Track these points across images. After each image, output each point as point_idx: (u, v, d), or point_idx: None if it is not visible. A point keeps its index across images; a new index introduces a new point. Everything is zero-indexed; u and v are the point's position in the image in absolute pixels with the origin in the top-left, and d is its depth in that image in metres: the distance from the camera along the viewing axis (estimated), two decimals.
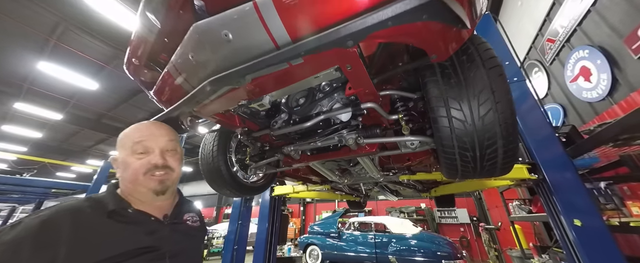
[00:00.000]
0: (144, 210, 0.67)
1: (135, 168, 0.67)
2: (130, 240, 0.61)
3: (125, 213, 0.63)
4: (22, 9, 5.36)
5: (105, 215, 0.61)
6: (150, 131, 0.72)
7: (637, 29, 1.79)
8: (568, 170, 1.71)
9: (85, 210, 0.59)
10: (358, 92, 0.94)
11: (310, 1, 0.59)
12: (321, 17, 0.60)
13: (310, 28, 0.63)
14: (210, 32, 0.69)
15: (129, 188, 0.68)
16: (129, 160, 0.68)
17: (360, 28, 0.53)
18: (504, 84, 0.74)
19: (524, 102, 2.03)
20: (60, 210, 0.57)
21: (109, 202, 0.64)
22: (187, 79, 0.87)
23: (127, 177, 0.68)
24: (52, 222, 0.53)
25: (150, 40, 0.85)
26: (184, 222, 0.75)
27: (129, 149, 0.69)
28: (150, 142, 0.70)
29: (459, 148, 0.81)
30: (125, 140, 0.71)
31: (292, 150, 1.36)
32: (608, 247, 1.47)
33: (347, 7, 0.57)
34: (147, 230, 0.64)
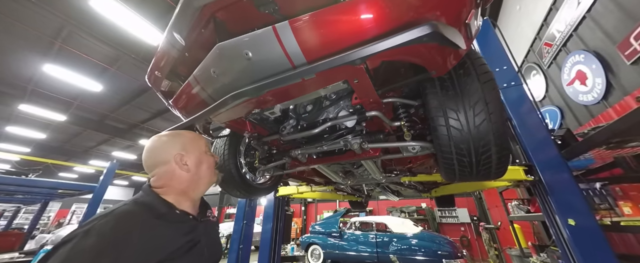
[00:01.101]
0: (183, 210, 0.73)
1: (211, 163, 0.83)
2: (181, 238, 0.67)
3: (173, 214, 0.70)
4: (29, 13, 5.45)
5: (157, 217, 0.66)
6: (204, 137, 0.88)
7: (629, 35, 1.86)
8: (563, 172, 1.78)
9: (142, 215, 0.64)
10: (363, 102, 1.01)
11: (324, 28, 0.67)
12: (333, 43, 0.68)
13: (323, 50, 0.70)
14: (233, 51, 0.77)
15: (196, 184, 0.78)
16: (204, 157, 0.81)
17: (368, 53, 0.60)
18: (496, 96, 0.82)
19: (521, 106, 2.10)
20: (123, 216, 0.61)
21: (159, 205, 0.69)
22: (207, 90, 0.95)
23: (203, 171, 0.80)
24: (122, 229, 0.58)
25: (174, 56, 0.93)
26: (208, 218, 0.85)
27: (203, 148, 0.83)
28: (210, 147, 0.84)
29: (456, 154, 0.88)
30: (197, 141, 0.83)
31: (299, 153, 1.43)
32: (600, 245, 1.55)
33: (356, 36, 0.65)
34: (190, 227, 0.72)
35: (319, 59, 0.71)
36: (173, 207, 0.70)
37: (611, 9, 2.01)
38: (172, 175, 0.74)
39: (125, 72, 7.69)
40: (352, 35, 0.66)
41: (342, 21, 0.65)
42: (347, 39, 0.67)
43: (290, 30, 0.69)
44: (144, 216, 0.64)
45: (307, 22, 0.67)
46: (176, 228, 0.68)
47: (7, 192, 4.93)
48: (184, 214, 0.72)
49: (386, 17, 0.62)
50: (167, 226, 0.66)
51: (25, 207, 7.62)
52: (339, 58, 0.63)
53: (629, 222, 1.51)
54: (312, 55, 0.73)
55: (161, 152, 0.76)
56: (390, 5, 0.61)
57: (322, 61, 0.67)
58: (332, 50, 0.70)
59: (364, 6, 0.62)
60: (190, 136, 0.83)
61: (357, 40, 0.66)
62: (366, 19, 0.63)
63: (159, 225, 0.64)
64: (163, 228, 0.65)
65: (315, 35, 0.69)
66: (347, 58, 0.62)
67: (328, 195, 3.41)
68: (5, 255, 3.76)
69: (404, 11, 0.62)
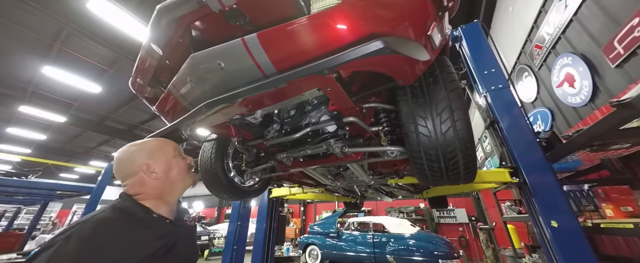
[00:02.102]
0: (160, 215, 0.76)
1: (183, 166, 0.84)
2: (157, 241, 0.70)
3: (150, 219, 0.72)
4: (29, 16, 5.50)
5: (135, 222, 0.69)
6: (173, 142, 0.89)
7: (613, 39, 1.88)
8: (547, 174, 1.80)
9: (120, 220, 0.67)
10: (339, 108, 1.04)
11: (290, 40, 0.70)
12: (299, 54, 0.71)
13: (291, 61, 0.74)
14: (206, 62, 0.80)
15: (168, 188, 0.79)
16: (174, 162, 0.82)
17: (330, 65, 0.64)
18: (462, 105, 0.85)
19: (507, 109, 2.12)
20: (102, 222, 0.64)
21: (136, 210, 0.72)
22: (186, 98, 0.98)
23: (173, 176, 0.81)
24: (100, 233, 0.61)
25: (153, 65, 0.96)
26: (185, 222, 0.88)
27: (172, 153, 0.84)
28: (180, 148, 0.87)
29: (426, 159, 0.91)
30: (164, 148, 0.84)
31: (284, 157, 1.46)
32: (580, 247, 1.57)
33: (320, 48, 0.68)
34: (166, 231, 0.75)
35: (288, 69, 0.75)
36: (150, 211, 0.73)
37: (596, 12, 2.03)
38: (143, 183, 0.76)
39: (124, 73, 7.74)
40: (317, 47, 0.69)
41: (306, 34, 0.69)
42: (312, 51, 0.70)
43: (258, 42, 0.72)
44: (122, 221, 0.67)
45: (273, 34, 0.71)
46: (153, 232, 0.71)
47: (7, 193, 4.98)
48: (161, 218, 0.75)
49: (348, 32, 0.65)
50: (144, 230, 0.69)
51: (25, 207, 7.67)
52: (304, 70, 0.66)
53: (608, 224, 1.53)
54: (281, 65, 0.76)
55: (128, 164, 0.78)
56: (351, 20, 0.64)
57: (290, 72, 0.71)
58: (300, 61, 0.73)
59: (327, 21, 0.65)
60: (155, 144, 0.84)
61: (321, 52, 0.69)
62: (329, 33, 0.66)
63: (136, 230, 0.68)
64: (140, 233, 0.68)
65: (282, 46, 0.72)
66: (313, 69, 0.66)
67: (322, 197, 3.44)
68: (4, 255, 3.82)
69: (364, 26, 0.65)
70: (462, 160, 0.87)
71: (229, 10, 0.73)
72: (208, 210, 17.98)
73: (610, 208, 1.58)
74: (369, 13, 0.63)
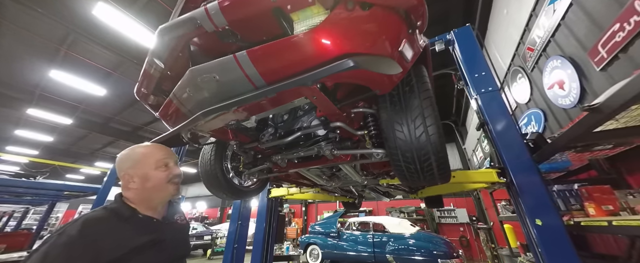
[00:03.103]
0: (147, 214, 0.85)
1: (160, 179, 0.86)
2: (142, 237, 0.80)
3: (136, 218, 0.82)
4: (36, 21, 5.68)
5: (122, 220, 0.79)
6: (163, 150, 0.93)
7: (597, 43, 1.94)
8: (532, 174, 1.87)
9: (108, 219, 0.78)
10: (326, 114, 1.13)
11: (276, 57, 0.79)
12: (285, 68, 0.80)
13: (278, 74, 0.83)
14: (203, 75, 0.89)
15: (146, 197, 0.86)
16: (152, 174, 0.86)
17: (307, 81, 0.73)
18: (433, 112, 0.93)
19: (496, 110, 2.18)
20: (90, 220, 0.74)
21: (123, 211, 0.81)
22: (185, 105, 1.08)
23: (149, 187, 0.85)
24: (89, 229, 0.71)
25: (156, 76, 1.06)
26: (175, 221, 0.97)
27: (153, 165, 0.87)
28: (168, 159, 0.91)
29: (403, 161, 1.00)
30: (145, 159, 0.87)
31: (279, 159, 1.56)
32: (563, 244, 1.63)
33: (302, 64, 0.77)
34: (153, 229, 0.84)
35: (276, 81, 0.84)
36: (136, 212, 0.83)
37: (581, 17, 2.10)
38: (126, 187, 0.85)
39: (127, 76, 7.92)
40: (298, 63, 0.78)
41: (289, 52, 0.78)
42: (295, 66, 0.79)
43: (248, 58, 0.81)
44: (110, 219, 0.78)
45: (261, 51, 0.80)
46: (138, 229, 0.80)
47: (17, 193, 5.14)
48: (146, 218, 0.85)
49: (325, 51, 0.74)
50: (130, 227, 0.79)
51: (33, 208, 7.88)
52: (285, 84, 0.76)
53: (588, 222, 1.60)
54: (269, 78, 0.85)
55: (118, 168, 0.87)
56: (327, 41, 0.73)
57: (275, 85, 0.80)
58: (285, 74, 0.83)
59: (307, 41, 0.74)
60: (140, 153, 0.89)
61: (303, 67, 0.78)
62: (308, 52, 0.75)
63: (121, 227, 0.78)
64: (126, 229, 0.78)
65: (269, 62, 0.81)
66: (292, 84, 0.75)
67: (320, 196, 3.52)
68: (15, 253, 3.97)
69: (339, 46, 0.73)
70: (435, 162, 0.95)
71: (222, 30, 0.82)
72: (211, 210, 18.17)
73: (593, 207, 1.65)
74: (343, 35, 0.72)
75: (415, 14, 0.80)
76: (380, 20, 0.74)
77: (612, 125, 1.43)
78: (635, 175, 2.08)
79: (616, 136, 1.44)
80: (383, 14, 0.74)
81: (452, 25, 5.61)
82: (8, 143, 11.77)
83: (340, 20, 0.72)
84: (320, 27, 0.72)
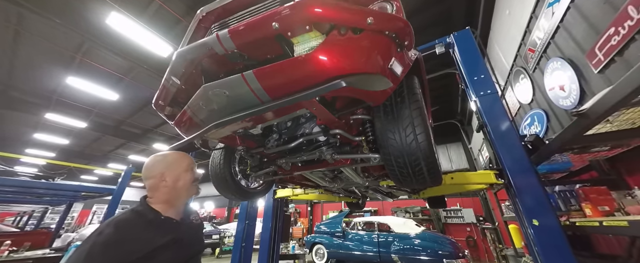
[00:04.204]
0: (168, 216, 0.97)
1: (189, 180, 1.00)
2: (164, 237, 0.91)
3: (159, 220, 0.94)
4: (54, 32, 5.99)
5: (147, 222, 0.90)
6: (191, 158, 1.08)
7: (594, 46, 1.97)
8: (530, 175, 1.91)
9: (135, 220, 0.90)
10: (325, 123, 1.23)
11: (279, 76, 0.89)
12: (287, 85, 0.91)
13: (281, 91, 0.93)
14: (215, 91, 1.00)
15: (174, 196, 0.98)
16: (183, 175, 1.00)
17: (308, 97, 0.83)
18: (423, 121, 1.01)
19: (495, 113, 2.23)
20: (122, 222, 0.86)
21: (148, 213, 0.93)
22: (198, 116, 1.20)
23: (180, 187, 0.98)
24: (121, 231, 0.84)
25: (172, 91, 1.18)
26: (191, 221, 1.10)
27: (184, 168, 1.01)
28: (193, 165, 1.06)
29: (397, 166, 1.08)
30: (178, 163, 1.02)
31: (283, 162, 1.67)
32: (559, 243, 1.67)
33: (301, 82, 0.87)
34: (173, 228, 0.96)
35: (280, 96, 0.94)
36: (159, 214, 0.95)
37: (579, 20, 2.12)
38: (156, 188, 0.96)
39: (138, 81, 8.22)
40: (298, 81, 0.89)
41: (290, 71, 0.88)
42: (295, 84, 0.90)
43: (254, 76, 0.92)
44: (137, 222, 0.90)
45: (266, 71, 0.90)
46: (161, 229, 0.92)
47: (38, 194, 5.44)
48: (168, 219, 0.96)
49: (321, 71, 0.84)
50: (154, 228, 0.91)
51: (52, 207, 8.27)
52: (291, 99, 0.86)
53: (583, 222, 1.64)
54: (273, 94, 0.96)
55: (149, 169, 0.98)
56: (323, 62, 0.83)
57: (277, 101, 0.90)
58: (287, 90, 0.93)
59: (304, 63, 0.84)
60: (174, 157, 1.03)
61: (302, 85, 0.88)
62: (306, 72, 0.85)
63: (147, 228, 0.90)
64: (150, 230, 0.90)
65: (273, 80, 0.92)
66: (298, 99, 0.85)
67: (324, 197, 3.62)
68: (39, 251, 4.22)
69: (333, 67, 0.83)
70: (425, 167, 1.04)
71: (231, 53, 0.93)
72: (218, 210, 18.54)
73: (589, 208, 1.69)
74: (337, 56, 0.81)
75: (402, 35, 0.88)
76: (370, 42, 0.83)
77: (604, 128, 1.48)
78: (634, 175, 2.09)
79: (608, 139, 1.48)
80: (372, 37, 0.83)
81: (455, 23, 5.62)
82: (28, 146, 12.35)
83: (335, 43, 0.82)
84: (317, 49, 0.81)
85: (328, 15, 0.78)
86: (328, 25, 0.82)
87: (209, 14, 1.13)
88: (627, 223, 1.25)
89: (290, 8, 0.79)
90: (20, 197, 5.57)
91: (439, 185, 1.20)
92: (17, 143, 12.03)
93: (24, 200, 5.93)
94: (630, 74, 0.93)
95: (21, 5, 4.88)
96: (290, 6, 0.80)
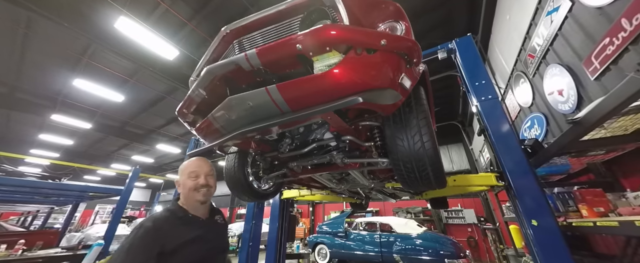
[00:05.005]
0: (195, 214, 1.09)
1: (189, 187, 1.10)
2: (191, 232, 1.02)
3: (187, 218, 1.06)
4: (62, 35, 6.11)
5: (178, 219, 1.04)
6: (198, 164, 1.15)
7: (590, 54, 2.06)
8: (529, 178, 2.00)
9: (168, 217, 1.03)
10: (338, 130, 1.33)
11: (299, 90, 0.99)
12: (307, 99, 1.00)
13: (301, 104, 1.03)
14: (239, 102, 1.10)
15: (186, 200, 1.11)
16: (185, 181, 1.11)
17: (328, 111, 0.92)
18: (429, 129, 1.11)
19: (495, 118, 2.32)
20: (158, 219, 0.99)
21: (177, 211, 1.06)
22: (220, 123, 1.29)
23: (184, 192, 1.11)
24: (157, 225, 0.96)
25: (197, 101, 1.28)
26: (216, 221, 1.20)
27: (186, 175, 1.11)
28: (198, 171, 1.13)
29: (405, 169, 1.18)
30: (184, 169, 1.13)
31: (295, 165, 1.76)
32: (556, 242, 1.76)
33: (320, 96, 0.97)
34: (199, 226, 1.07)
35: (299, 109, 1.04)
36: (187, 212, 1.08)
37: (576, 30, 2.21)
38: (179, 190, 1.12)
39: (143, 82, 8.33)
40: (318, 95, 0.98)
41: (310, 87, 0.97)
42: (315, 98, 0.99)
43: (277, 91, 1.01)
44: (170, 218, 1.03)
45: (288, 86, 1.00)
46: (188, 226, 1.04)
47: (46, 194, 5.55)
48: (195, 217, 1.09)
49: (339, 87, 0.94)
50: (182, 224, 1.04)
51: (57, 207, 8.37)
52: (311, 113, 0.95)
53: (579, 222, 1.73)
54: (295, 106, 1.05)
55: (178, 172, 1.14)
56: (340, 79, 0.92)
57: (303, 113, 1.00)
58: (307, 104, 1.02)
59: (323, 79, 0.94)
60: (184, 165, 1.15)
61: (321, 100, 0.98)
62: (325, 87, 0.95)
63: (178, 224, 1.03)
64: (179, 226, 1.02)
65: (294, 94, 1.01)
66: (311, 114, 0.95)
67: (329, 198, 3.71)
68: (51, 250, 4.33)
69: (352, 82, 0.93)
70: (431, 170, 1.13)
71: (256, 69, 1.03)
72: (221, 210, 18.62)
73: (585, 209, 1.77)
74: (354, 74, 0.91)
75: (410, 53, 0.98)
76: (383, 60, 0.92)
77: (599, 134, 1.57)
78: (629, 178, 2.18)
79: (603, 144, 1.57)
80: (385, 56, 0.92)
81: (457, 27, 5.71)
82: (33, 146, 12.47)
83: (352, 62, 0.91)
84: (336, 67, 0.91)
85: (348, 39, 0.88)
86: (345, 46, 0.91)
87: (232, 31, 1.23)
88: (617, 224, 1.34)
89: (314, 32, 0.89)
90: (28, 197, 5.68)
91: (443, 187, 1.29)
92: (22, 143, 12.16)
93: (32, 200, 6.03)
94: (618, 88, 1.02)
95: (32, 10, 4.99)
96: (315, 30, 0.90)
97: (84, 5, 5.48)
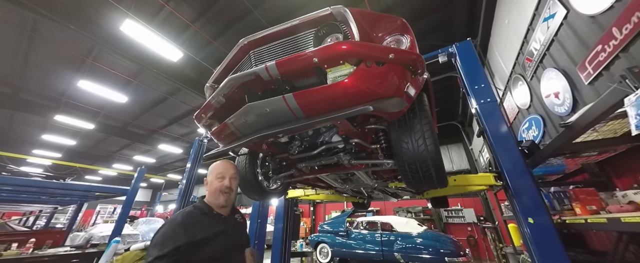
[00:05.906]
0: (218, 212, 1.19)
1: (216, 187, 1.20)
2: (215, 227, 1.13)
3: (211, 213, 1.17)
4: (66, 36, 6.19)
5: (204, 214, 1.15)
6: (225, 167, 1.25)
7: (584, 60, 2.16)
8: (526, 178, 2.09)
9: (195, 213, 1.14)
10: (346, 133, 1.42)
11: (314, 98, 1.08)
12: (320, 106, 1.10)
13: (315, 110, 1.12)
14: (257, 109, 1.20)
15: (211, 198, 1.22)
16: (212, 182, 1.21)
17: (342, 118, 1.02)
18: (431, 132, 1.21)
19: (494, 120, 2.41)
20: (186, 213, 1.11)
21: (203, 207, 1.17)
22: (235, 127, 1.39)
23: (211, 191, 1.21)
24: (185, 219, 1.07)
25: (216, 106, 1.38)
26: (236, 219, 1.29)
27: (214, 175, 1.22)
28: (225, 172, 1.23)
29: (409, 170, 1.28)
30: (212, 170, 1.24)
31: (303, 166, 1.86)
32: (552, 240, 1.86)
33: (334, 105, 1.06)
34: (221, 222, 1.17)
35: (313, 115, 1.14)
36: (211, 209, 1.18)
37: (571, 36, 2.31)
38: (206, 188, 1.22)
39: (146, 83, 8.42)
40: (331, 104, 1.08)
41: (324, 96, 1.07)
42: (328, 106, 1.09)
43: (294, 99, 1.11)
44: (196, 213, 1.14)
45: (304, 94, 1.09)
46: (212, 222, 1.15)
47: (52, 194, 5.63)
48: (218, 214, 1.19)
49: (350, 97, 1.03)
50: (207, 220, 1.14)
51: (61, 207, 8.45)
52: (325, 119, 1.05)
53: (572, 220, 1.83)
54: (309, 112, 1.15)
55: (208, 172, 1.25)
56: (351, 90, 1.02)
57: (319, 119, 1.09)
58: (323, 110, 1.12)
59: (337, 89, 1.04)
60: (213, 165, 1.25)
61: (334, 107, 1.08)
62: (338, 96, 1.05)
63: (203, 219, 1.14)
64: (204, 221, 1.13)
65: (309, 102, 1.11)
66: (326, 121, 1.04)
67: (332, 197, 3.81)
68: (60, 248, 4.42)
69: (362, 92, 1.02)
70: (433, 171, 1.23)
71: (274, 79, 1.13)
72: None
73: (579, 207, 1.87)
74: (364, 84, 1.00)
75: (415, 65, 1.08)
76: (391, 72, 1.02)
77: (591, 136, 1.67)
78: (621, 178, 2.28)
79: (594, 146, 1.67)
80: (392, 68, 1.02)
81: (456, 29, 5.81)
82: (35, 146, 12.55)
83: (363, 73, 1.01)
84: (349, 78, 1.01)
85: (361, 53, 0.98)
86: (357, 59, 1.01)
87: (249, 42, 1.33)
88: (606, 220, 1.44)
89: (331, 48, 0.99)
90: (35, 197, 5.77)
91: (445, 187, 1.39)
92: (25, 144, 12.25)
93: (38, 200, 6.12)
94: (604, 96, 1.12)
95: (39, 12, 5.08)
96: (332, 46, 1.00)
97: (91, 9, 5.57)
